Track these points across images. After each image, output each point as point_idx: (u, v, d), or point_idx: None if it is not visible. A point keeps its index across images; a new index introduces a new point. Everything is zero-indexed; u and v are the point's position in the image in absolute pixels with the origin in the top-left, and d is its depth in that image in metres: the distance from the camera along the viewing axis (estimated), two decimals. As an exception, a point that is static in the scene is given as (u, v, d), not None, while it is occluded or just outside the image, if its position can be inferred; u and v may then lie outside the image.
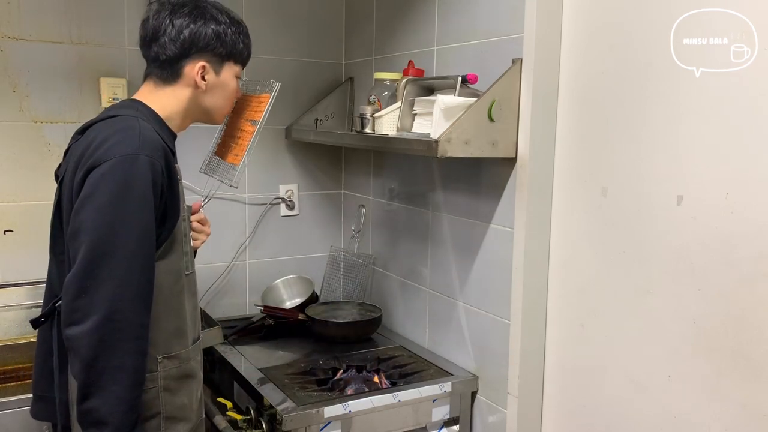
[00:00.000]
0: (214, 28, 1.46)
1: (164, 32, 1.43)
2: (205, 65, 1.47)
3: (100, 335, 1.25)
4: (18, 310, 2.09)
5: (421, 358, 2.09)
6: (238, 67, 1.54)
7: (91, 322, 1.24)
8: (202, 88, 1.48)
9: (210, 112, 1.54)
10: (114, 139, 1.32)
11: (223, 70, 1.50)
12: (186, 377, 1.49)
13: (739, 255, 1.34)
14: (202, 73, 1.47)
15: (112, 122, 1.37)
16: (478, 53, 1.87)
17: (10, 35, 2.05)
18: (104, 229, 1.27)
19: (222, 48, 1.48)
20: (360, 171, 2.52)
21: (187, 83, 1.47)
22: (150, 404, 1.41)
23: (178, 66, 1.46)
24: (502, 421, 1.84)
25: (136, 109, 1.43)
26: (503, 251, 1.80)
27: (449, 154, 1.62)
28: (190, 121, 1.54)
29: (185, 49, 1.44)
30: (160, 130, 1.42)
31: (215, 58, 1.48)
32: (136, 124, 1.35)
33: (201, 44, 1.45)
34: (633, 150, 1.54)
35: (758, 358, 1.32)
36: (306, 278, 2.51)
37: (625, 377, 1.59)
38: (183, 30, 1.43)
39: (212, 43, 1.46)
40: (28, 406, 1.56)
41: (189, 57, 1.45)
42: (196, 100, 1.50)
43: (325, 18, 2.52)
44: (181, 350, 1.47)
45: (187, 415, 1.49)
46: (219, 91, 1.52)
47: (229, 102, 1.57)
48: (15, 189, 2.10)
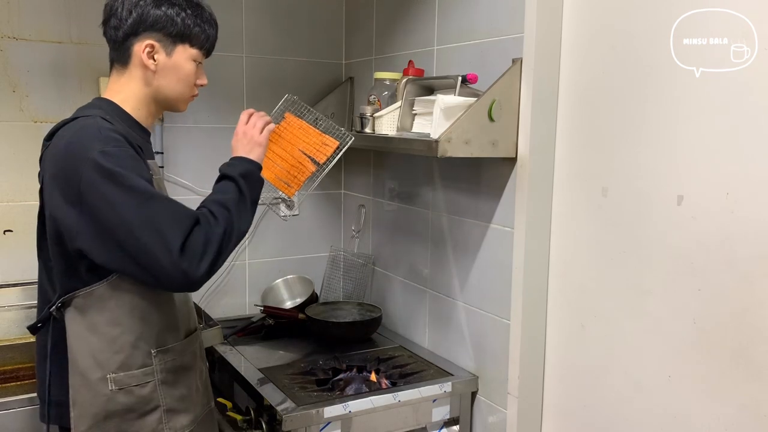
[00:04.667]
0: (165, 9, 1.45)
1: (115, 12, 1.44)
2: (153, 44, 1.45)
3: (211, 264, 1.33)
4: (18, 310, 2.09)
5: (421, 358, 2.09)
6: (195, 50, 1.50)
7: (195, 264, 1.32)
8: (152, 69, 1.46)
9: (167, 97, 1.51)
10: (76, 145, 1.34)
11: (175, 51, 1.48)
12: (183, 369, 1.50)
13: (739, 255, 1.34)
14: (149, 52, 1.45)
15: (73, 125, 1.39)
16: (478, 53, 1.87)
17: (10, 35, 2.06)
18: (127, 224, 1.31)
19: (173, 27, 1.45)
20: (360, 171, 2.52)
21: (136, 64, 1.46)
22: (149, 398, 1.42)
23: (127, 45, 1.45)
24: (502, 421, 1.84)
25: (100, 108, 1.44)
26: (503, 251, 1.80)
27: (449, 154, 1.61)
28: (154, 108, 1.52)
29: (133, 28, 1.44)
30: (125, 125, 1.43)
31: (165, 38, 1.46)
32: (92, 122, 1.37)
33: (148, 22, 1.44)
34: (633, 150, 1.54)
35: (758, 358, 1.32)
36: (306, 278, 2.51)
37: (625, 377, 1.59)
38: (132, 9, 1.43)
39: (161, 21, 1.44)
40: (28, 406, 1.57)
41: (137, 36, 1.45)
42: (150, 82, 1.48)
43: (325, 18, 2.52)
44: (175, 343, 1.48)
45: (187, 406, 1.49)
46: (172, 73, 1.48)
47: (187, 86, 1.52)
48: (15, 189, 2.10)
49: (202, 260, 1.30)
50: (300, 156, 1.68)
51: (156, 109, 1.53)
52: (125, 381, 1.41)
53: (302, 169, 1.68)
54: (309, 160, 1.67)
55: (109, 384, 1.40)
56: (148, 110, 1.51)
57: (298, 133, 1.70)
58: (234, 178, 1.45)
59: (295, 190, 1.68)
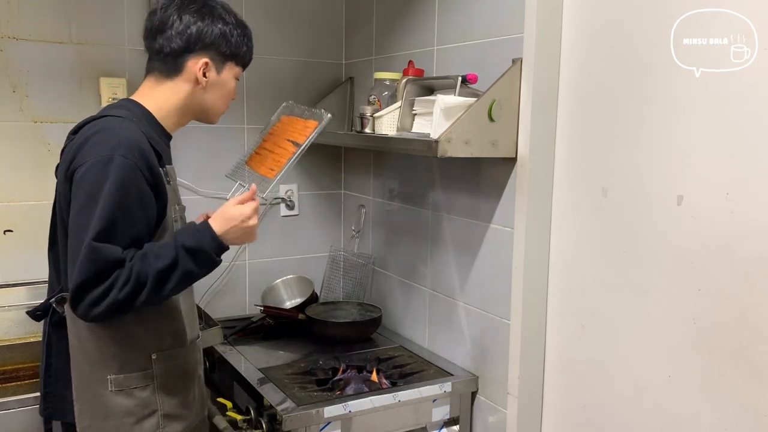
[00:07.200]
0: (221, 27, 1.47)
1: (171, 25, 1.45)
2: (208, 62, 1.48)
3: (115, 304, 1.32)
4: (18, 310, 2.09)
5: (421, 358, 2.09)
6: (239, 68, 1.55)
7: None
8: (202, 85, 1.49)
9: (207, 111, 1.55)
10: (93, 140, 1.35)
11: (224, 69, 1.52)
12: (183, 375, 1.50)
13: (739, 255, 1.34)
14: (204, 70, 1.48)
15: (97, 123, 1.40)
16: (478, 53, 1.87)
17: (10, 35, 2.05)
18: (77, 231, 1.31)
19: (227, 48, 1.49)
20: (360, 171, 2.52)
21: (187, 78, 1.48)
22: (147, 402, 1.42)
23: (181, 60, 1.47)
24: (502, 421, 1.84)
25: (128, 109, 1.45)
26: (503, 251, 1.80)
27: (449, 154, 1.61)
28: (186, 118, 1.55)
29: (190, 44, 1.46)
30: (150, 130, 1.43)
31: (218, 56, 1.49)
32: (116, 124, 1.37)
33: (207, 41, 1.46)
34: (633, 150, 1.54)
35: (758, 358, 1.32)
36: (306, 278, 2.50)
37: (625, 377, 1.59)
38: (191, 25, 1.45)
39: (218, 41, 1.47)
40: (28, 406, 1.57)
41: (193, 52, 1.46)
42: (195, 96, 1.50)
43: (325, 18, 2.52)
44: (177, 348, 1.48)
45: (184, 413, 1.49)
46: (218, 89, 1.53)
47: (226, 102, 1.57)
48: (15, 189, 2.10)
49: (92, 308, 1.30)
50: (285, 143, 1.70)
51: (187, 120, 1.56)
52: (125, 383, 1.41)
53: (282, 151, 1.70)
54: (291, 143, 1.68)
55: (108, 385, 1.40)
56: (178, 120, 1.53)
57: (287, 126, 1.72)
58: (177, 247, 1.36)
59: (276, 172, 1.68)
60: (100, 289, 1.29)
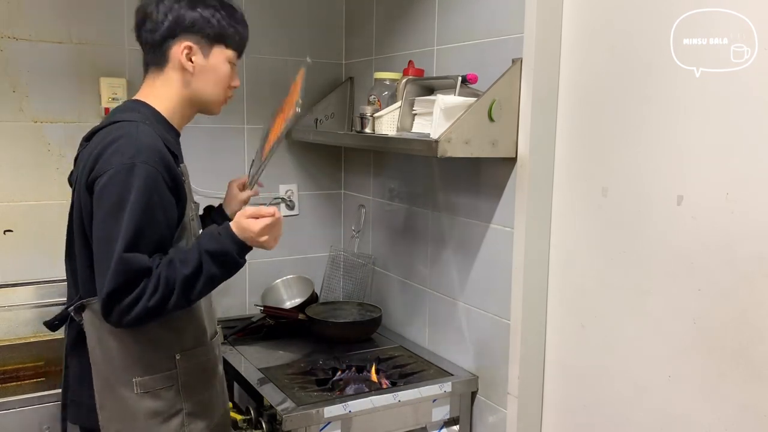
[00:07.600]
0: (201, 10, 1.45)
1: (151, 15, 1.44)
2: (191, 46, 1.45)
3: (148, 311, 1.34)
4: (18, 310, 2.09)
5: (421, 358, 2.09)
6: (231, 52, 1.50)
7: None
8: (190, 71, 1.46)
9: (203, 99, 1.51)
10: (112, 147, 1.34)
11: (212, 53, 1.48)
12: (205, 373, 1.50)
13: (739, 255, 1.34)
14: (187, 54, 1.45)
15: (113, 129, 1.39)
16: (478, 53, 1.87)
17: (10, 35, 2.05)
18: (104, 242, 1.32)
19: (209, 29, 1.45)
20: (360, 171, 2.52)
21: (174, 66, 1.46)
22: (171, 402, 1.43)
23: (165, 47, 1.45)
24: (502, 421, 1.84)
25: (139, 112, 1.44)
26: (503, 251, 1.80)
27: (449, 154, 1.61)
28: (189, 111, 1.53)
29: (170, 30, 1.44)
30: (163, 131, 1.43)
31: (203, 39, 1.46)
32: (134, 130, 1.36)
33: (185, 24, 1.44)
34: (633, 150, 1.54)
35: (758, 358, 1.32)
36: (306, 278, 2.50)
37: (625, 377, 1.59)
38: (168, 12, 1.43)
39: (198, 23, 1.44)
40: (28, 407, 1.57)
41: (174, 38, 1.44)
42: (189, 85, 1.48)
43: (325, 18, 2.52)
44: (199, 347, 1.48)
45: (208, 411, 1.50)
46: (210, 74, 1.48)
47: (222, 88, 1.52)
48: (15, 189, 2.10)
49: (124, 316, 1.32)
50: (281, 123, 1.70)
51: (191, 112, 1.54)
52: (150, 384, 1.41)
53: (273, 131, 1.71)
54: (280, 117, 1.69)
55: (134, 387, 1.40)
56: (182, 114, 1.51)
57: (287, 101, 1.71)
58: (201, 252, 1.36)
59: (264, 154, 1.69)
60: (130, 298, 1.30)
